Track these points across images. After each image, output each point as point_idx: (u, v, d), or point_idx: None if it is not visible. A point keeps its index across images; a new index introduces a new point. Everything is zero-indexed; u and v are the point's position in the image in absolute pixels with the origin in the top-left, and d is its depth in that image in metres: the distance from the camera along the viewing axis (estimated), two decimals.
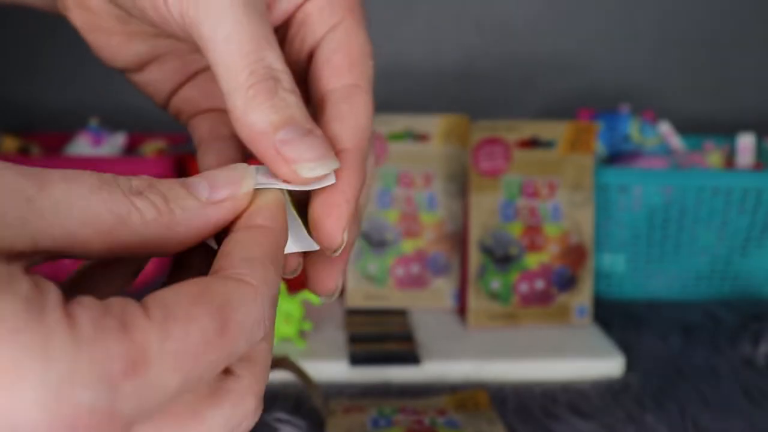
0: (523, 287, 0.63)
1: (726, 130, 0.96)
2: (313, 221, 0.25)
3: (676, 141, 0.83)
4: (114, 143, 0.80)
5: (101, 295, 0.20)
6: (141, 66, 0.30)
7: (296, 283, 0.60)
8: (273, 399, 0.51)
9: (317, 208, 0.24)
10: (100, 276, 0.25)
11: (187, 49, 0.30)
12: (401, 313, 0.65)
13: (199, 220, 0.22)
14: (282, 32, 0.28)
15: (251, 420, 0.21)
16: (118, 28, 0.29)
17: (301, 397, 0.52)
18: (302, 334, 0.59)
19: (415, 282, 0.66)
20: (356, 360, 0.55)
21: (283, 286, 0.58)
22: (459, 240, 0.66)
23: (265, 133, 0.23)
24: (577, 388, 0.54)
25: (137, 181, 0.21)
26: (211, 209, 0.22)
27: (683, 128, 0.92)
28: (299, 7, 0.27)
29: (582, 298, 0.64)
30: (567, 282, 0.64)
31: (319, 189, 0.24)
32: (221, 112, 0.30)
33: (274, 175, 0.24)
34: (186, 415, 0.20)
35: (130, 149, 0.82)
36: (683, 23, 0.98)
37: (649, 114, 0.82)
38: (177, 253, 0.23)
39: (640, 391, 0.54)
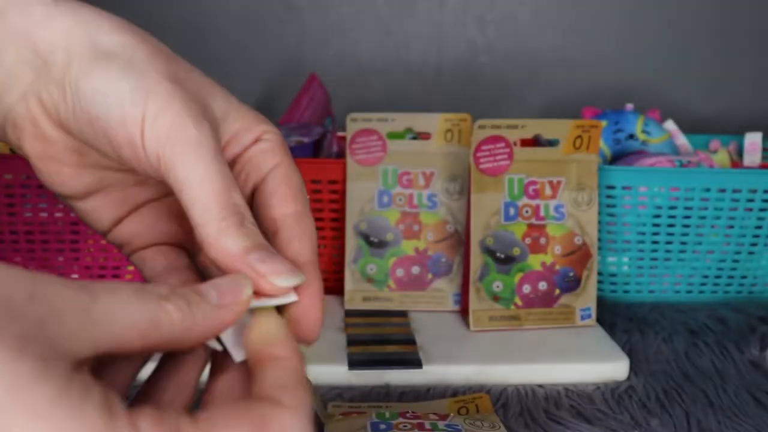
0: (526, 288, 0.62)
1: (733, 129, 0.95)
2: (297, 321, 0.30)
3: (682, 140, 0.82)
4: None
5: (118, 380, 0.28)
6: (86, 195, 0.33)
7: None
8: None
9: (299, 312, 0.30)
10: (117, 366, 0.29)
11: (131, 181, 0.33)
12: (401, 315, 0.64)
13: (213, 320, 0.26)
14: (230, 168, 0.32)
15: None
16: (72, 159, 0.32)
17: None
18: None
19: (416, 283, 0.65)
20: (356, 363, 0.54)
21: None
22: (460, 240, 0.65)
23: (239, 255, 0.28)
24: (581, 391, 0.53)
25: (163, 288, 0.25)
26: (221, 312, 0.26)
27: (689, 127, 0.91)
28: (245, 149, 0.32)
29: (586, 299, 0.63)
30: (570, 283, 0.63)
31: (302, 294, 0.30)
32: (169, 247, 0.34)
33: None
34: None
35: None
36: (689, 21, 0.97)
37: (655, 113, 0.81)
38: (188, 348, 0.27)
39: (645, 395, 0.53)
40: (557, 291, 0.63)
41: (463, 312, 0.64)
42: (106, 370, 0.28)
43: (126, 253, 0.34)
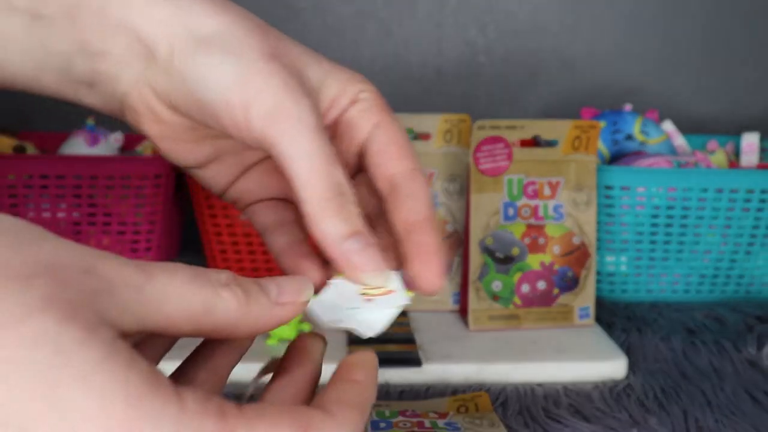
0: (525, 288, 0.62)
1: (730, 130, 0.95)
2: (423, 284, 0.31)
3: (680, 140, 0.82)
4: (110, 142, 0.80)
5: (148, 356, 0.28)
6: (205, 164, 0.35)
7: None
8: None
9: (416, 273, 0.31)
10: (151, 341, 0.30)
11: (242, 146, 0.34)
12: (401, 315, 0.64)
13: (268, 316, 0.27)
14: (332, 132, 0.33)
15: None
16: (189, 136, 0.33)
17: None
18: None
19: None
20: None
21: None
22: (460, 240, 0.66)
23: (336, 241, 0.29)
24: (580, 390, 0.54)
25: (223, 275, 0.26)
26: (278, 309, 0.27)
27: (687, 128, 0.91)
28: (344, 111, 0.33)
29: (584, 299, 0.63)
30: (569, 283, 0.63)
31: (417, 252, 0.31)
32: (278, 201, 0.35)
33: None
34: None
35: (127, 148, 0.82)
36: (687, 22, 0.98)
37: (653, 113, 0.81)
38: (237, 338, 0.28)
39: (643, 394, 0.53)
40: (556, 290, 0.63)
41: (463, 311, 0.64)
42: (140, 345, 0.28)
43: (239, 208, 0.36)
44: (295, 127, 0.29)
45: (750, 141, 0.81)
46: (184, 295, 0.24)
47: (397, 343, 0.58)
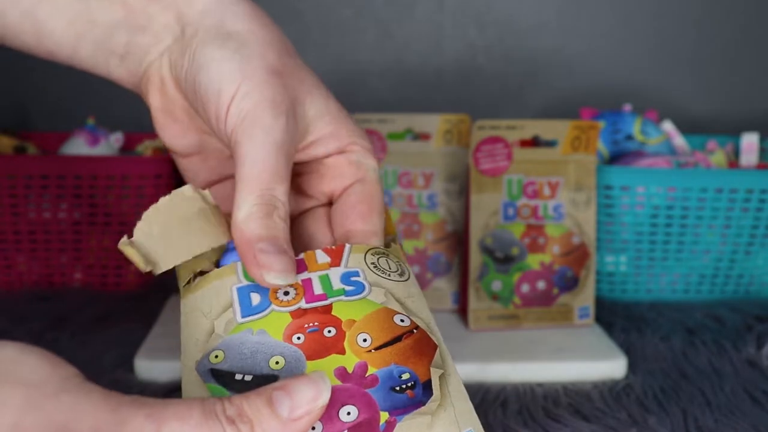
0: (525, 288, 0.62)
1: (730, 130, 0.95)
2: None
3: (679, 140, 0.82)
4: (111, 142, 0.80)
5: None
6: (189, 154, 0.37)
7: None
8: None
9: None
10: None
11: (227, 155, 0.37)
12: None
13: None
14: (312, 167, 0.35)
15: None
16: (183, 118, 0.36)
17: None
18: None
19: None
20: None
21: None
22: (459, 240, 0.66)
23: (250, 240, 0.29)
24: (579, 390, 0.54)
25: (231, 409, 0.25)
26: (291, 425, 0.26)
27: (687, 128, 0.91)
28: (329, 155, 0.35)
29: (584, 299, 0.63)
30: (569, 283, 0.63)
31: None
32: None
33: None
34: None
35: (127, 148, 0.82)
36: (686, 22, 0.98)
37: (652, 113, 0.81)
38: None
39: (643, 393, 0.53)
40: (556, 290, 0.63)
41: (463, 311, 0.64)
42: None
43: None
44: (260, 137, 0.30)
45: (749, 141, 0.81)
46: None
47: None
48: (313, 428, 0.27)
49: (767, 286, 0.73)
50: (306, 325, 0.30)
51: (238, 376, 0.29)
